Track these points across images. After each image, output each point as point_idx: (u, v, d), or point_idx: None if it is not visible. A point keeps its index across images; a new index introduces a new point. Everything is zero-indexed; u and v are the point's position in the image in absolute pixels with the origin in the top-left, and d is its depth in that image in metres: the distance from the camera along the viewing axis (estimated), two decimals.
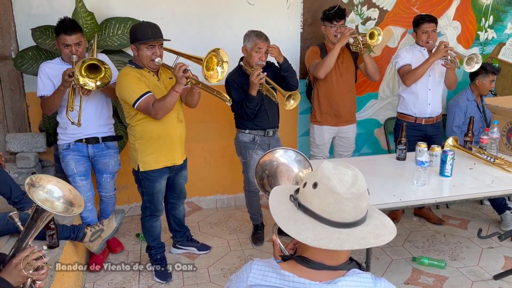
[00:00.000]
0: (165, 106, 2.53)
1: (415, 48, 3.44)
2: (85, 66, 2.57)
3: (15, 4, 3.24)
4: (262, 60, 3.02)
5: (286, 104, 2.92)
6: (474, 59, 3.12)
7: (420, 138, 3.40)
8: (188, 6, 3.47)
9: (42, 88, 2.78)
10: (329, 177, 1.05)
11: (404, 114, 3.54)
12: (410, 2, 3.92)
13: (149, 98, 2.54)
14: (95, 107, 2.85)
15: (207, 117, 3.74)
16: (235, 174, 3.78)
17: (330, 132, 3.53)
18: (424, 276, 2.94)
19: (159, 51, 2.61)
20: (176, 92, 2.52)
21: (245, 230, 3.61)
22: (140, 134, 2.69)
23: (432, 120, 3.51)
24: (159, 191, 2.84)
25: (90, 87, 2.61)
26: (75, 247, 2.78)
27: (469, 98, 3.73)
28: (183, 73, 2.47)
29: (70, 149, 2.85)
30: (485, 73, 3.65)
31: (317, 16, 3.66)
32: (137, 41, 2.56)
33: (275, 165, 1.53)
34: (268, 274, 1.10)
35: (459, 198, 2.43)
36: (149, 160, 2.72)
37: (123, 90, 2.58)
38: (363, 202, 1.07)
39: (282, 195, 1.18)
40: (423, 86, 3.42)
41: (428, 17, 3.37)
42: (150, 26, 2.59)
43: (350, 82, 3.47)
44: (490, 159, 2.82)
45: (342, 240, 1.02)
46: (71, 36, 2.68)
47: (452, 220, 3.76)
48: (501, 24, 4.21)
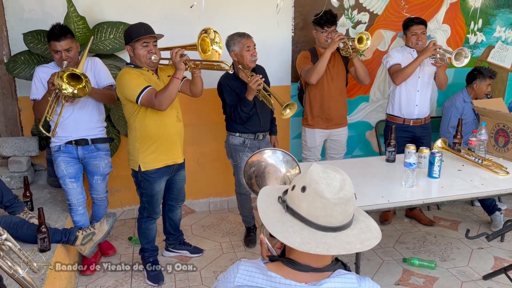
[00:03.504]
0: (168, 95, 2.55)
1: (405, 49, 3.49)
2: (67, 75, 2.57)
3: (7, 9, 3.25)
4: (254, 56, 3.05)
5: (283, 113, 2.95)
6: (463, 53, 3.13)
7: (409, 139, 3.46)
8: (180, 10, 3.49)
9: (34, 92, 2.81)
10: (317, 182, 1.06)
11: (392, 115, 3.59)
12: (399, 6, 3.96)
13: (151, 90, 2.57)
14: (85, 111, 2.87)
15: (200, 120, 3.76)
16: (227, 177, 3.79)
17: (321, 135, 3.55)
18: (415, 277, 2.97)
19: (154, 48, 2.65)
20: (177, 79, 2.55)
21: (237, 233, 3.62)
22: (141, 133, 2.71)
23: (420, 122, 3.55)
24: (158, 193, 2.86)
25: (68, 92, 2.60)
26: (66, 251, 2.78)
27: (466, 100, 3.78)
28: (180, 57, 2.52)
29: (61, 151, 2.87)
30: (482, 77, 3.72)
31: (308, 20, 3.69)
32: (131, 40, 2.60)
33: (263, 166, 1.55)
34: (254, 275, 1.11)
35: (447, 199, 2.46)
36: (151, 159, 2.74)
37: (124, 88, 2.61)
38: (350, 206, 1.09)
39: (271, 196, 1.20)
40: (412, 87, 3.46)
41: (418, 19, 3.42)
42: (142, 24, 2.65)
43: (341, 86, 3.50)
44: (478, 160, 2.85)
45: (329, 245, 1.04)
46: (61, 43, 2.70)
47: (443, 221, 3.79)
48: (490, 27, 4.27)
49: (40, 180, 3.61)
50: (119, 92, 2.68)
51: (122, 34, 3.33)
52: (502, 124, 3.03)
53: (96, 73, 2.89)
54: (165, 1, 3.49)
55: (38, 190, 3.39)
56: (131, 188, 3.58)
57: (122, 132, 3.42)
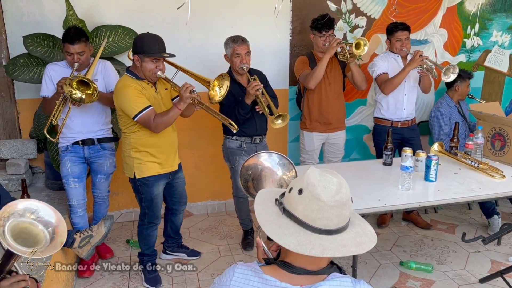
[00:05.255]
0: (166, 121, 2.58)
1: (389, 55, 3.54)
2: (76, 80, 2.64)
3: (6, 12, 3.26)
4: (243, 63, 3.04)
5: (274, 122, 2.97)
6: (451, 69, 3.27)
7: (398, 141, 3.51)
8: (178, 14, 3.50)
9: (44, 89, 2.90)
10: (314, 184, 1.07)
11: (380, 118, 3.64)
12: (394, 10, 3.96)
13: (150, 112, 2.56)
14: (92, 113, 2.91)
15: (197, 124, 3.76)
16: (225, 180, 3.79)
17: (319, 138, 3.57)
18: (412, 280, 2.98)
19: (162, 64, 2.64)
20: (179, 109, 2.58)
21: (235, 236, 3.62)
22: (136, 143, 2.70)
23: (407, 123, 3.61)
24: (157, 196, 2.86)
25: (77, 96, 2.67)
26: (64, 253, 2.79)
27: (450, 104, 3.82)
28: (190, 93, 2.52)
29: (68, 150, 2.92)
30: (462, 79, 3.77)
31: (306, 24, 3.71)
32: (142, 53, 2.57)
33: (260, 169, 1.55)
34: (250, 278, 1.12)
35: (444, 202, 2.47)
36: (146, 168, 2.74)
37: (124, 102, 2.58)
38: (346, 210, 1.09)
39: (268, 198, 1.21)
40: (399, 92, 3.51)
41: (402, 25, 3.46)
42: (158, 40, 2.61)
43: (338, 90, 3.52)
44: (475, 164, 2.87)
45: (324, 247, 1.05)
46: (74, 46, 2.75)
47: (440, 225, 3.80)
48: (486, 31, 4.30)
49: (38, 182, 3.61)
50: (116, 102, 2.64)
51: (120, 38, 3.35)
52: (498, 128, 3.05)
53: (106, 76, 2.94)
54: (162, 5, 3.50)
55: (36, 193, 3.39)
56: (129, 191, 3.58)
57: (119, 135, 3.43)
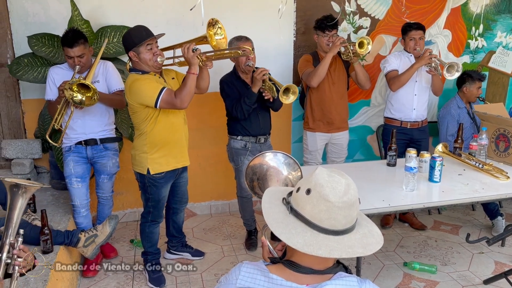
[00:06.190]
0: (188, 91, 2.52)
1: (403, 54, 3.53)
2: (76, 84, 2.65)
3: (11, 12, 3.28)
4: (249, 60, 3.04)
5: (284, 98, 2.90)
6: (455, 67, 3.21)
7: (407, 142, 3.50)
8: (182, 15, 3.52)
9: (49, 93, 2.92)
10: (323, 185, 1.07)
11: (389, 118, 3.64)
12: (401, 10, 3.98)
13: (168, 91, 2.54)
14: (95, 114, 2.92)
15: (201, 124, 3.78)
16: (229, 180, 3.81)
17: (322, 138, 3.57)
18: (415, 281, 2.98)
19: (157, 50, 2.63)
20: (193, 74, 2.53)
21: (239, 236, 3.63)
22: (151, 138, 2.69)
23: (417, 124, 3.59)
24: (164, 197, 2.88)
25: (78, 99, 2.68)
26: (69, 253, 2.80)
27: (460, 105, 3.79)
28: (193, 52, 2.50)
29: (71, 151, 2.94)
30: (471, 80, 3.72)
31: (310, 25, 3.71)
32: (134, 45, 2.57)
33: (265, 168, 1.56)
34: (256, 277, 1.13)
35: (448, 203, 2.47)
36: (160, 162, 2.74)
37: (140, 94, 2.55)
38: (354, 211, 1.10)
39: (275, 197, 1.21)
40: (410, 91, 3.50)
41: (416, 24, 3.46)
42: (141, 27, 2.62)
43: (342, 90, 3.52)
44: (479, 165, 2.86)
45: (330, 248, 1.05)
46: (73, 49, 2.75)
47: (444, 226, 3.80)
48: (491, 32, 4.29)
49: (43, 182, 3.63)
50: (132, 99, 2.61)
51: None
52: (502, 129, 3.04)
53: (107, 77, 2.95)
54: (167, 5, 3.52)
55: (41, 192, 3.41)
56: (133, 191, 3.60)
57: (124, 135, 3.44)
